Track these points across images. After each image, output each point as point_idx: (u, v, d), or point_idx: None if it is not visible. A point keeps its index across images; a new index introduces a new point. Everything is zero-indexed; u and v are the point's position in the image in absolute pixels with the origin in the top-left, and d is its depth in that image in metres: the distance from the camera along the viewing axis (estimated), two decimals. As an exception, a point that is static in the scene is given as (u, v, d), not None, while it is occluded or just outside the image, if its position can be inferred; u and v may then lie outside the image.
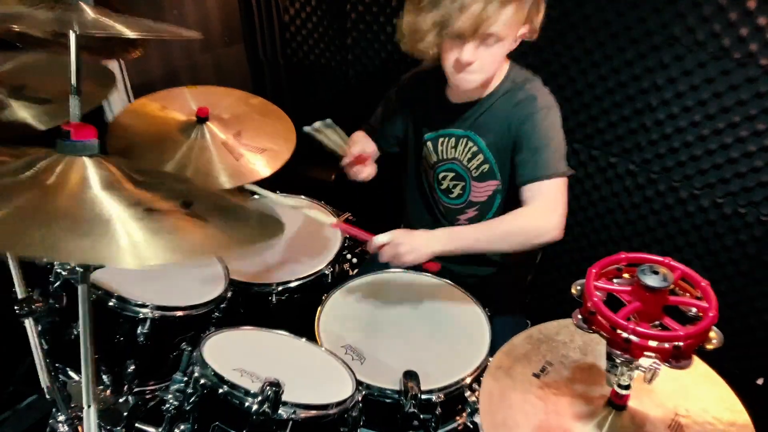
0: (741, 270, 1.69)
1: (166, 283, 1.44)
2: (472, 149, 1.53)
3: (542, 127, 1.41)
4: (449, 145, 1.56)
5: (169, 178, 1.08)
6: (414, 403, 1.21)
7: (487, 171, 1.53)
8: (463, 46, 1.31)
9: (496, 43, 1.32)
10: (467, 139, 1.53)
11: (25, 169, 0.86)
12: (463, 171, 1.57)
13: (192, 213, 0.88)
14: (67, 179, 0.86)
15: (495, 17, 1.26)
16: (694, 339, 0.84)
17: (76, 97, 0.94)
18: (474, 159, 1.53)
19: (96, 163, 0.89)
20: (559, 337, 1.15)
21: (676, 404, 1.01)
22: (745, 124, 1.54)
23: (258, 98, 2.01)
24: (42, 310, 1.38)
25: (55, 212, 0.80)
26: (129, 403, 1.39)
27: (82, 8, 1.14)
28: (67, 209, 0.82)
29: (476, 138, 1.51)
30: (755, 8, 1.43)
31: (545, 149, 1.39)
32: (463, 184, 1.59)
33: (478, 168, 1.54)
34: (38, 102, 1.37)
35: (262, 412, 1.08)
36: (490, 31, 1.28)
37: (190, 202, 0.90)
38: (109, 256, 0.77)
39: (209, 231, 0.88)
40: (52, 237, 0.76)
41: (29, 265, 1.39)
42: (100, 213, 0.81)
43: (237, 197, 1.11)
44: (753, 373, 1.75)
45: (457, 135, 1.54)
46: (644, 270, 0.88)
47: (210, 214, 0.91)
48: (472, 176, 1.56)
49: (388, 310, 1.52)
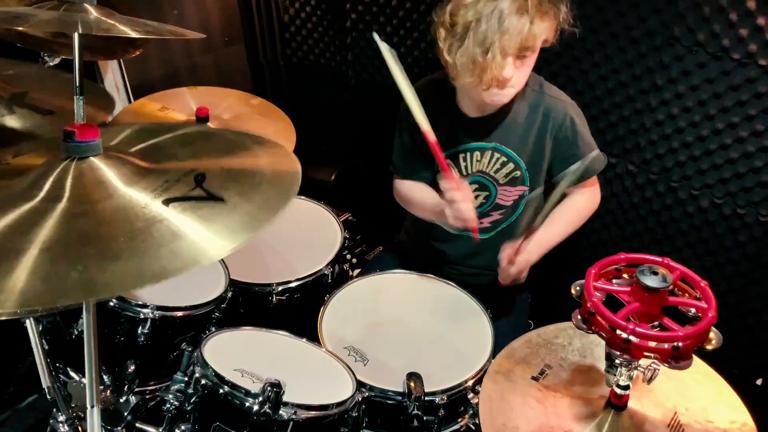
0: (740, 270, 1.69)
1: (167, 283, 1.42)
2: (501, 159, 1.54)
3: (580, 131, 1.53)
4: (474, 159, 1.56)
5: (170, 152, 0.97)
6: (417, 405, 1.21)
7: (519, 177, 1.56)
8: (504, 64, 1.31)
9: (531, 56, 1.36)
10: (493, 151, 1.54)
11: (33, 188, 0.78)
12: (489, 181, 1.58)
13: (206, 191, 0.83)
14: (84, 190, 0.78)
15: (536, 32, 1.29)
16: (693, 339, 0.84)
17: (80, 98, 0.94)
18: (503, 168, 1.55)
19: (106, 160, 0.83)
20: (558, 340, 1.15)
21: (675, 404, 1.02)
22: (745, 125, 1.54)
23: (258, 98, 2.02)
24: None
25: (102, 234, 0.71)
26: (130, 403, 1.39)
27: (86, 9, 1.14)
28: (113, 227, 0.73)
29: (503, 149, 1.53)
30: (755, 8, 1.43)
31: (587, 153, 1.52)
32: (487, 193, 1.60)
33: (508, 175, 1.56)
34: (40, 112, 1.36)
35: (263, 413, 1.08)
36: (532, 46, 1.31)
37: (202, 176, 0.87)
38: (191, 258, 0.70)
39: (232, 208, 0.82)
40: (118, 268, 0.66)
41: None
42: (150, 216, 0.74)
43: (242, 153, 1.04)
44: (752, 373, 1.75)
45: (483, 148, 1.54)
46: (643, 271, 0.88)
47: (223, 188, 0.85)
48: (499, 183, 1.57)
49: (391, 311, 1.52)
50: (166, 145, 0.97)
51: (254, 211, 0.83)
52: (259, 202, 0.85)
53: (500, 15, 1.26)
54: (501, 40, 1.27)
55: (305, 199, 1.90)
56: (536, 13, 1.28)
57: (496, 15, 1.26)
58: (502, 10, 1.26)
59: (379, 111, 2.22)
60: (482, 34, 1.28)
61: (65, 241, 0.71)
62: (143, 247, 0.71)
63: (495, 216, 1.62)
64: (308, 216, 1.85)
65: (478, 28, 1.28)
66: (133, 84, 2.15)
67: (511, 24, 1.26)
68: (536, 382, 1.07)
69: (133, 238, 0.72)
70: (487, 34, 1.27)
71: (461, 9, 1.30)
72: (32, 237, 0.71)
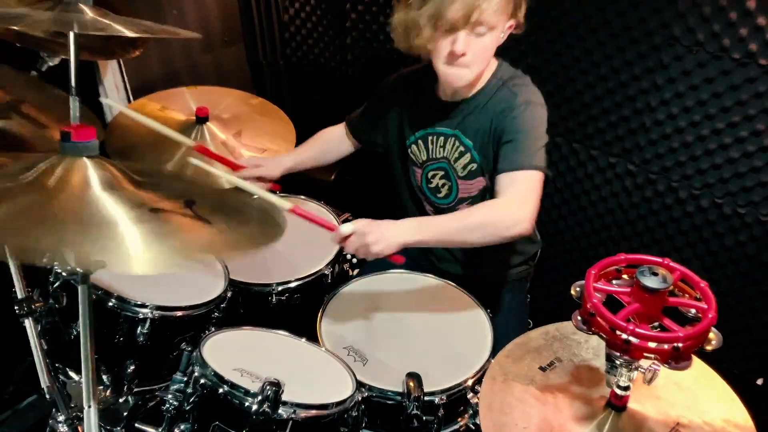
0: (740, 270, 1.69)
1: (166, 283, 1.44)
2: (459, 149, 1.53)
3: (520, 120, 1.40)
4: (438, 144, 1.56)
5: (168, 178, 1.07)
6: (417, 405, 1.21)
7: (475, 170, 1.53)
8: (456, 38, 1.31)
9: (487, 33, 1.34)
10: (455, 138, 1.53)
11: (25, 172, 0.85)
12: (450, 170, 1.57)
13: (195, 213, 0.88)
14: (68, 181, 0.84)
15: (486, 4, 1.28)
16: (693, 340, 0.84)
17: (76, 98, 0.94)
18: (461, 158, 1.53)
19: (96, 164, 0.88)
20: (575, 337, 1.15)
21: (675, 405, 1.01)
22: (745, 124, 1.53)
23: (258, 98, 2.02)
24: (42, 310, 1.38)
25: (58, 214, 0.78)
26: (129, 403, 1.39)
27: (82, 8, 1.14)
28: (71, 211, 0.80)
29: (462, 137, 1.51)
30: (755, 8, 1.43)
31: (521, 141, 1.38)
32: (450, 184, 1.58)
33: (465, 167, 1.53)
34: (35, 125, 1.37)
35: (262, 412, 1.08)
36: (481, 19, 1.30)
37: (193, 201, 0.90)
38: (118, 261, 0.75)
39: (214, 231, 0.87)
40: (57, 240, 0.74)
41: (29, 265, 1.39)
42: (105, 215, 0.80)
43: (236, 197, 1.11)
44: (752, 373, 1.75)
45: (446, 134, 1.54)
46: (643, 271, 0.88)
47: (212, 215, 0.90)
48: (458, 176, 1.55)
49: (390, 311, 1.52)
50: (159, 176, 1.02)
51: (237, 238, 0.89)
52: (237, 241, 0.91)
53: None
54: (449, 9, 1.27)
55: (305, 199, 1.90)
56: None
57: None
58: None
59: (379, 111, 2.22)
60: (433, 3, 1.28)
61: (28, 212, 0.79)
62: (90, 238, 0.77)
63: (463, 207, 1.61)
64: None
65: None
66: (133, 84, 2.14)
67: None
68: (542, 372, 1.07)
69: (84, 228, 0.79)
70: (437, 3, 1.28)
71: None
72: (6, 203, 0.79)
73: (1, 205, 0.78)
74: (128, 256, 0.76)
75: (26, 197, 0.81)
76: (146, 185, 0.91)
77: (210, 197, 1.01)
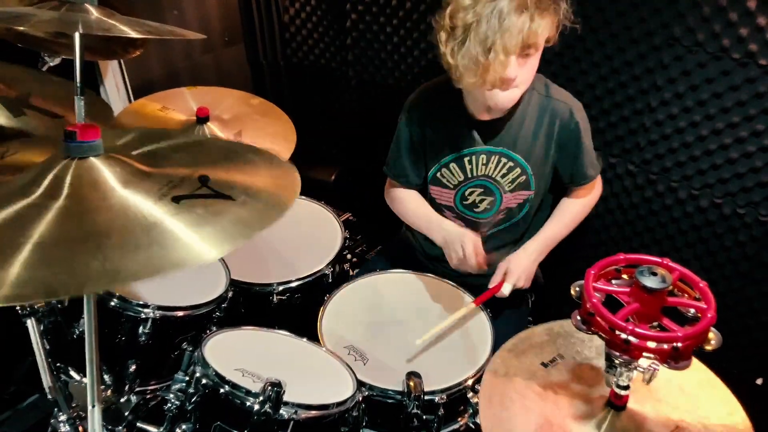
0: (740, 270, 1.69)
1: (168, 283, 1.44)
2: (508, 164, 1.54)
3: (579, 129, 1.53)
4: (479, 163, 1.55)
5: (167, 150, 0.97)
6: (417, 404, 1.21)
7: (524, 182, 1.55)
8: (508, 62, 1.30)
9: (534, 54, 1.36)
10: (500, 155, 1.53)
11: (33, 185, 0.79)
12: (494, 185, 1.57)
13: (212, 190, 0.83)
14: (84, 186, 0.79)
15: (539, 28, 1.29)
16: (692, 340, 0.84)
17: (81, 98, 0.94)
18: (510, 173, 1.55)
19: (106, 161, 0.83)
20: (579, 335, 1.15)
21: (675, 405, 1.02)
22: (745, 125, 1.54)
23: (258, 98, 2.02)
24: (44, 309, 1.39)
25: (92, 228, 0.72)
26: (130, 403, 1.39)
27: (87, 9, 1.14)
28: (104, 221, 0.73)
29: (511, 154, 1.52)
30: (755, 8, 1.43)
31: (587, 152, 1.56)
32: (492, 198, 1.59)
33: (514, 181, 1.55)
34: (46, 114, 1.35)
35: (264, 412, 1.09)
36: (532, 42, 1.31)
37: (206, 177, 0.86)
38: (179, 259, 0.70)
39: (238, 203, 0.82)
40: (108, 262, 0.67)
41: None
42: (142, 215, 0.75)
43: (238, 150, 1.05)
44: (752, 373, 1.75)
45: (489, 152, 1.53)
46: (643, 271, 0.88)
47: (227, 186, 0.86)
48: (505, 190, 1.57)
49: (391, 310, 1.52)
50: (163, 150, 0.97)
51: (262, 208, 0.84)
52: (267, 201, 0.85)
53: (500, 14, 1.26)
54: (502, 39, 1.27)
55: (306, 199, 1.90)
56: (536, 10, 1.28)
57: (496, 14, 1.26)
58: (501, 9, 1.26)
59: (380, 111, 2.22)
60: (483, 34, 1.27)
61: (59, 237, 0.72)
62: (134, 245, 0.72)
63: (497, 217, 1.63)
64: (309, 216, 1.86)
65: (478, 29, 1.28)
66: (134, 84, 2.15)
67: (512, 22, 1.26)
68: (544, 368, 1.07)
69: (126, 237, 0.73)
70: (488, 33, 1.27)
71: (460, 11, 1.30)
72: (28, 232, 0.72)
73: (30, 234, 0.70)
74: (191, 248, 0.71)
75: (45, 218, 0.74)
76: (155, 171, 0.86)
77: (215, 158, 0.95)
